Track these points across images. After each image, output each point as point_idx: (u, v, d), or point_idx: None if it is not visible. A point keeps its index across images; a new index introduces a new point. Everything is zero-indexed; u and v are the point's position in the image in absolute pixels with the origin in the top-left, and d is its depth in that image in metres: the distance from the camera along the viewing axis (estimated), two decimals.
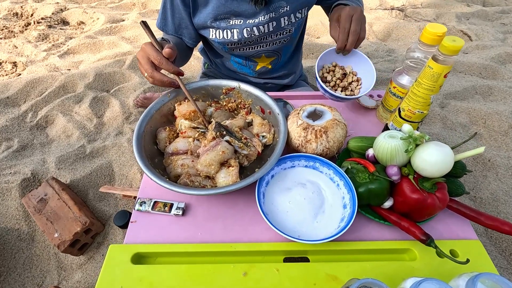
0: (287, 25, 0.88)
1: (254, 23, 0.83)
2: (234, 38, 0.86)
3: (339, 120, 0.69)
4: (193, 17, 0.86)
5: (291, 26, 0.89)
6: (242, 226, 0.65)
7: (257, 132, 0.75)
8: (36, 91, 1.78)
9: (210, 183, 0.66)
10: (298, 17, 0.88)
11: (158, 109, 0.76)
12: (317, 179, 0.68)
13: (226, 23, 0.83)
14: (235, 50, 0.92)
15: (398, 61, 1.96)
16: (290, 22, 0.87)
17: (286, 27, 0.88)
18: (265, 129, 0.75)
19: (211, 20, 0.83)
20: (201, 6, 0.83)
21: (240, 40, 0.86)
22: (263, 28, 0.85)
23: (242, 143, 0.69)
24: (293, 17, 0.87)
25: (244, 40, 0.87)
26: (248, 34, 0.86)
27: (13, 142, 1.47)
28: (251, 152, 0.70)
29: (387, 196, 0.62)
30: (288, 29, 0.89)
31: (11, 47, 2.27)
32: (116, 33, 2.45)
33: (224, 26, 0.84)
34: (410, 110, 0.70)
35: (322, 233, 0.60)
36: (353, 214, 0.59)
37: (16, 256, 1.11)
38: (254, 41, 0.88)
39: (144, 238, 0.64)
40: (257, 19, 0.83)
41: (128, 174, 1.34)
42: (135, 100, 1.69)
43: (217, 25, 0.84)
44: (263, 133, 0.75)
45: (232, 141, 0.68)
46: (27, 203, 1.12)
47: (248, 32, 0.85)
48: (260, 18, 0.83)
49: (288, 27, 0.88)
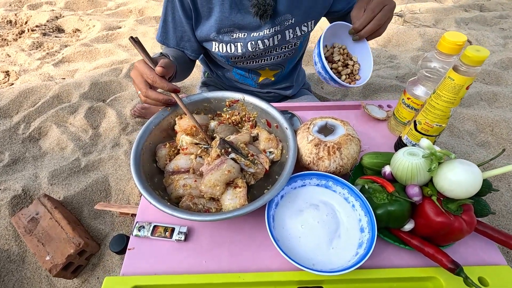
0: (292, 38, 0.84)
1: (259, 36, 0.79)
2: (238, 52, 0.82)
3: (352, 135, 0.64)
4: (195, 30, 0.82)
5: (296, 39, 0.85)
6: (250, 252, 0.60)
7: (263, 148, 0.70)
8: (29, 101, 1.72)
9: (215, 206, 0.61)
10: (304, 30, 0.84)
11: (158, 124, 0.71)
12: (330, 200, 0.63)
13: (230, 37, 0.79)
14: (238, 64, 0.88)
15: (401, 67, 1.93)
16: (295, 35, 0.84)
17: (292, 40, 0.84)
18: (272, 145, 0.70)
19: (214, 33, 0.79)
20: (204, 18, 0.79)
21: (244, 54, 0.82)
22: (268, 41, 0.81)
23: (248, 160, 0.64)
24: (298, 30, 0.83)
25: (248, 54, 0.83)
26: (253, 48, 0.82)
27: (4, 156, 1.41)
28: (258, 170, 0.65)
29: (408, 218, 0.57)
30: (293, 42, 0.85)
31: (4, 55, 2.21)
32: (112, 40, 2.40)
33: (227, 40, 0.80)
34: (427, 123, 0.66)
35: (338, 260, 0.55)
36: (373, 240, 0.54)
37: (5, 279, 1.04)
38: (259, 54, 0.84)
39: (143, 267, 0.58)
40: (262, 32, 0.79)
41: (125, 189, 1.28)
42: (133, 110, 1.64)
43: (220, 38, 0.80)
44: (270, 148, 0.70)
45: (238, 159, 0.63)
46: (17, 223, 1.05)
47: (252, 45, 0.81)
48: (265, 32, 0.79)
49: (293, 40, 0.84)
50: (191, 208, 0.60)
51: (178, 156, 0.70)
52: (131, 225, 1.16)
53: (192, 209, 0.60)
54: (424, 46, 2.22)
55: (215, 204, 0.61)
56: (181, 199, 0.63)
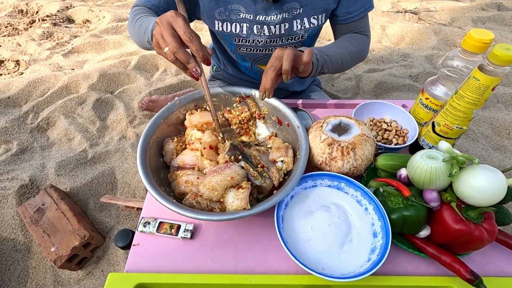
0: (300, 30, 0.80)
1: (265, 20, 0.76)
2: (242, 33, 0.78)
3: (367, 136, 0.62)
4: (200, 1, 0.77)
5: (304, 32, 0.81)
6: (257, 253, 0.58)
7: (273, 158, 0.65)
8: (38, 91, 1.72)
9: (219, 206, 0.59)
10: (313, 23, 0.80)
11: (166, 118, 0.69)
12: (342, 202, 0.61)
13: (236, 15, 0.76)
14: (241, 49, 0.84)
15: (414, 66, 1.88)
16: (303, 27, 0.80)
17: (299, 31, 0.81)
18: (281, 153, 0.66)
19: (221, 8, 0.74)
20: None
21: (248, 36, 0.79)
22: (274, 28, 0.78)
23: (256, 172, 0.60)
24: (306, 21, 0.79)
25: (253, 37, 0.79)
26: (258, 32, 0.78)
27: (12, 144, 1.41)
28: (264, 185, 0.60)
29: (424, 224, 0.54)
30: (300, 34, 0.81)
31: (14, 45, 2.22)
32: (121, 32, 2.39)
33: (234, 19, 0.76)
34: (447, 125, 0.63)
35: (350, 265, 0.52)
36: (387, 247, 0.51)
37: (11, 268, 1.04)
38: (263, 42, 0.81)
39: (147, 264, 0.57)
40: (269, 17, 0.75)
41: (131, 182, 1.28)
42: (140, 103, 1.63)
43: (226, 15, 0.76)
44: (280, 158, 0.65)
45: (246, 168, 0.60)
46: (23, 212, 1.05)
47: (258, 29, 0.78)
48: (272, 17, 0.75)
49: (300, 32, 0.81)
50: (194, 207, 0.58)
51: (185, 151, 0.68)
52: (136, 219, 1.16)
53: (196, 207, 0.58)
54: (439, 45, 2.16)
55: (219, 204, 0.59)
56: (185, 196, 0.61)
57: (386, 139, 0.73)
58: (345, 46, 0.83)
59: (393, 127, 0.75)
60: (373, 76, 1.80)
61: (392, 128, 0.75)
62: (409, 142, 0.69)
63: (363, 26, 0.88)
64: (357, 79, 1.80)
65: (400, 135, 0.74)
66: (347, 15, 0.82)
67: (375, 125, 0.76)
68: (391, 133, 0.74)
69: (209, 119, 0.69)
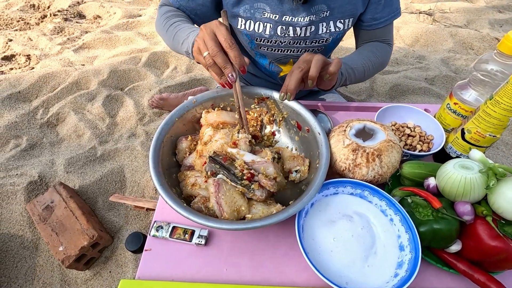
0: (325, 33, 0.77)
1: (291, 22, 0.73)
2: (265, 33, 0.75)
3: (394, 142, 0.58)
4: None
5: (329, 35, 0.78)
6: (274, 263, 0.55)
7: (289, 167, 0.63)
8: (48, 86, 1.72)
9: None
10: (339, 27, 0.77)
11: (181, 116, 0.66)
12: (365, 211, 0.57)
13: (261, 14, 0.73)
14: (262, 48, 0.81)
15: (430, 69, 1.83)
16: (329, 30, 0.77)
17: (324, 35, 0.77)
18: (298, 162, 0.63)
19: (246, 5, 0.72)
20: None
21: (271, 37, 0.76)
22: (300, 30, 0.75)
23: (241, 184, 0.55)
24: (332, 25, 0.76)
25: (275, 38, 0.76)
26: (282, 33, 0.75)
27: (22, 140, 1.41)
28: (254, 198, 0.56)
29: (455, 238, 0.51)
30: (325, 38, 0.78)
31: (26, 39, 2.22)
32: (132, 28, 2.38)
33: (258, 17, 0.73)
34: (479, 132, 0.59)
35: (375, 281, 0.49)
36: (416, 262, 0.48)
37: (18, 265, 1.03)
38: (286, 43, 0.78)
39: (160, 271, 0.54)
40: (296, 18, 0.72)
41: (140, 181, 1.26)
42: (150, 101, 1.61)
43: (251, 13, 0.73)
44: (296, 167, 0.62)
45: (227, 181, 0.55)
46: (31, 210, 1.04)
47: (282, 30, 0.75)
48: (300, 19, 0.72)
49: (325, 35, 0.78)
50: (203, 212, 0.55)
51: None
52: (145, 219, 1.14)
53: (204, 212, 0.55)
54: (455, 48, 2.10)
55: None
56: (193, 198, 0.58)
57: (410, 146, 0.70)
58: (369, 57, 0.80)
59: (417, 132, 0.71)
60: (388, 78, 1.75)
61: (415, 134, 0.71)
62: (435, 149, 0.66)
63: (387, 34, 0.85)
64: (371, 81, 1.76)
65: (425, 141, 0.70)
66: (373, 21, 0.79)
67: (398, 130, 0.73)
68: (415, 139, 0.70)
69: (226, 119, 0.66)
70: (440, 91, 1.68)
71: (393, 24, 0.84)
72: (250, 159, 0.58)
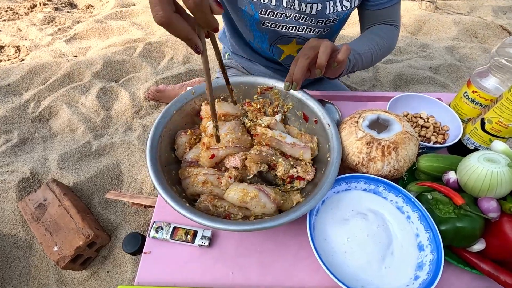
0: (332, 13, 0.72)
1: None
2: (272, 3, 0.70)
3: (411, 134, 0.54)
4: None
5: (336, 15, 0.73)
6: (284, 264, 0.51)
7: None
8: (39, 78, 1.65)
9: (239, 211, 0.52)
10: (346, 6, 0.72)
11: (179, 109, 0.61)
12: (380, 208, 0.54)
13: None
14: (265, 24, 0.76)
15: (435, 58, 1.78)
16: (336, 10, 0.72)
17: (331, 15, 0.72)
18: (306, 139, 0.60)
19: None
20: None
21: (277, 8, 0.70)
22: (305, 6, 0.69)
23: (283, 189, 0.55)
24: (339, 4, 0.71)
25: (281, 11, 0.71)
26: (288, 5, 0.70)
27: (12, 135, 1.35)
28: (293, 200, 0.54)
29: (479, 237, 0.47)
30: (332, 18, 0.73)
31: (15, 30, 2.13)
32: (126, 18, 2.30)
33: None
34: (501, 122, 0.55)
35: (393, 283, 0.46)
36: (439, 263, 0.44)
37: (12, 265, 0.99)
38: (291, 18, 0.73)
39: (160, 275, 0.50)
40: None
41: (137, 176, 1.21)
42: (147, 93, 1.55)
43: None
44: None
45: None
46: (24, 208, 0.99)
47: (288, 2, 0.69)
48: None
49: (332, 15, 0.73)
50: (210, 211, 0.51)
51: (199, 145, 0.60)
52: (143, 216, 1.10)
53: (211, 212, 0.51)
54: (459, 36, 2.05)
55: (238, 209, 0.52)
56: (197, 198, 0.54)
57: (424, 137, 0.66)
58: (376, 41, 0.75)
59: (431, 123, 0.67)
60: (392, 68, 1.70)
61: (429, 125, 0.67)
62: (452, 141, 0.62)
63: (394, 14, 0.79)
64: (374, 71, 1.71)
65: (439, 132, 0.66)
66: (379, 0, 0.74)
67: (410, 120, 0.69)
68: (429, 130, 0.66)
69: (228, 110, 0.62)
70: (445, 81, 1.63)
71: (400, 4, 0.79)
72: (291, 141, 0.57)
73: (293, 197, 0.53)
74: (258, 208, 0.50)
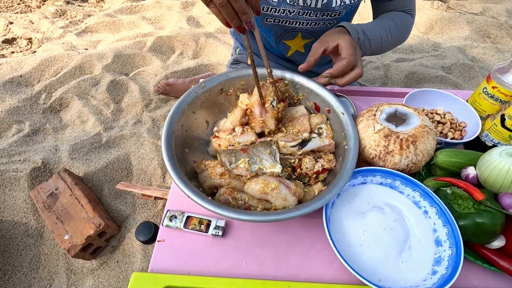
0: (339, 6, 0.70)
1: None
2: (273, 0, 0.69)
3: (430, 128, 0.53)
4: None
5: (343, 8, 0.71)
6: (299, 257, 0.51)
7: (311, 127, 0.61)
8: (51, 70, 1.66)
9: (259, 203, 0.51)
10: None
11: (190, 103, 0.61)
12: (396, 203, 0.53)
13: None
14: (268, 20, 0.75)
15: (447, 57, 1.76)
16: (343, 3, 0.70)
17: (337, 8, 0.70)
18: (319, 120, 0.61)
19: None
20: None
21: (279, 5, 0.69)
22: (310, 1, 0.68)
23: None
24: None
25: (283, 7, 0.70)
26: (291, 1, 0.68)
27: (24, 125, 1.36)
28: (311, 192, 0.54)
29: (499, 233, 0.46)
30: (338, 11, 0.71)
31: (27, 22, 2.15)
32: (136, 12, 2.30)
33: None
34: None
35: (411, 278, 0.45)
36: (459, 258, 0.44)
37: (22, 253, 1.00)
38: (295, 14, 0.71)
39: (174, 264, 0.50)
40: None
41: (147, 169, 1.21)
42: (156, 86, 1.55)
43: None
44: (320, 125, 0.60)
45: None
46: (35, 197, 1.00)
47: None
48: None
49: (339, 8, 0.71)
50: (230, 203, 0.51)
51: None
52: (153, 208, 1.10)
53: (231, 204, 0.51)
54: (472, 35, 2.02)
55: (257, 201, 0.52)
56: (216, 191, 0.54)
57: (440, 133, 0.65)
58: (389, 26, 0.72)
59: (448, 119, 0.66)
60: (403, 66, 1.68)
61: (446, 121, 0.66)
62: (470, 137, 0.61)
63: (409, 3, 0.77)
64: (385, 69, 1.69)
65: (457, 128, 0.65)
66: None
67: (426, 116, 0.67)
68: (446, 126, 0.65)
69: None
70: (457, 80, 1.61)
71: None
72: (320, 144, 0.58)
73: (314, 187, 0.53)
74: (279, 200, 0.49)
